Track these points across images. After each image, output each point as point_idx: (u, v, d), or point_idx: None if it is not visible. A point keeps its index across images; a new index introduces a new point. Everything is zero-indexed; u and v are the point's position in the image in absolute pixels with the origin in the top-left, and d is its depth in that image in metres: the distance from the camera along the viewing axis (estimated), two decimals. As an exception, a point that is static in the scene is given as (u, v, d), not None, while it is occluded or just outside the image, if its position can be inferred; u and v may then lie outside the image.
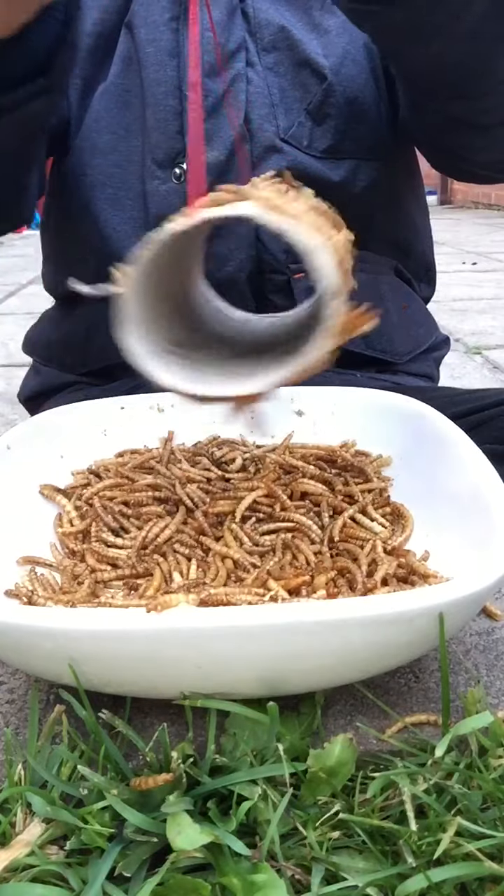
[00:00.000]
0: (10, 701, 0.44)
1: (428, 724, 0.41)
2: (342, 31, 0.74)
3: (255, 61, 0.73)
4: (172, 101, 0.72)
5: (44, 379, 0.89)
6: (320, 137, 0.74)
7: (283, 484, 0.57)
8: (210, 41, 0.70)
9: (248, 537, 0.52)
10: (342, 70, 0.73)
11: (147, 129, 0.74)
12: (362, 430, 0.65)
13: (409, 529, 0.53)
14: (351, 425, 0.65)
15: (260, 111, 0.73)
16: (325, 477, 0.58)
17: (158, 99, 0.73)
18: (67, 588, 0.49)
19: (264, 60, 0.73)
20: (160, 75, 0.72)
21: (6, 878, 0.33)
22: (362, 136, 0.75)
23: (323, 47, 0.73)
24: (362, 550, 0.50)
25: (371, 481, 0.58)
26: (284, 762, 0.37)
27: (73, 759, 0.38)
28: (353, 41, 0.74)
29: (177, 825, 0.34)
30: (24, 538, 0.53)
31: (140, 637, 0.36)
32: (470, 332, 2.32)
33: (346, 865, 0.34)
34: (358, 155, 0.75)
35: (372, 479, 0.58)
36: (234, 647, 0.36)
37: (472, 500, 0.49)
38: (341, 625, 0.36)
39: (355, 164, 0.75)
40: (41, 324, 0.91)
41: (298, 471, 0.58)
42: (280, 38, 0.73)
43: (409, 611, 0.36)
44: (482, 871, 0.33)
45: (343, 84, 0.73)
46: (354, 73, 0.74)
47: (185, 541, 0.52)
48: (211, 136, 0.72)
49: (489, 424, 0.73)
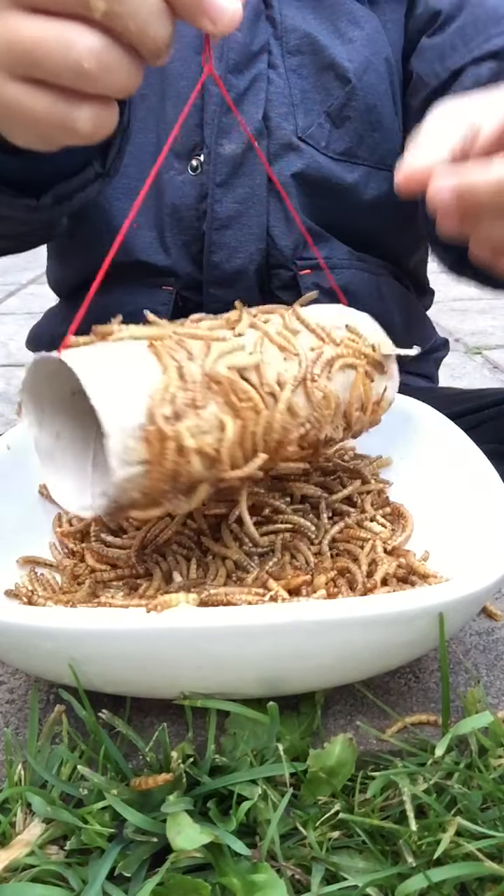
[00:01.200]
0: (10, 701, 0.44)
1: (428, 724, 0.41)
2: (367, 42, 0.75)
3: (278, 63, 0.74)
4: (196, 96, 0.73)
5: None
6: (338, 140, 0.75)
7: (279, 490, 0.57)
8: (235, 40, 0.71)
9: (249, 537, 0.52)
10: (364, 77, 0.75)
11: (165, 122, 0.75)
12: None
13: (409, 529, 0.53)
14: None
15: (279, 110, 0.74)
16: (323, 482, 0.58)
17: (180, 91, 0.74)
18: (68, 588, 0.49)
19: (288, 63, 0.74)
20: (184, 70, 0.73)
21: (6, 878, 0.33)
22: (377, 144, 0.76)
23: (348, 53, 0.75)
24: (362, 550, 0.50)
25: (368, 483, 0.58)
26: (284, 762, 0.37)
27: (73, 759, 0.38)
28: (376, 54, 0.75)
29: (177, 825, 0.34)
30: (24, 538, 0.53)
31: (140, 637, 0.36)
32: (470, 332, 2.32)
33: (346, 865, 0.34)
34: (371, 162, 0.76)
35: (369, 480, 0.58)
36: (234, 647, 0.36)
37: (472, 500, 0.49)
38: (341, 625, 0.36)
39: (367, 172, 0.76)
40: (46, 319, 0.92)
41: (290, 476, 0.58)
42: (305, 43, 0.74)
43: (409, 611, 0.36)
44: (482, 871, 0.33)
45: (364, 90, 0.75)
46: (375, 83, 0.75)
47: (184, 542, 0.52)
48: (229, 130, 0.73)
49: (489, 424, 0.73)
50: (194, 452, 0.41)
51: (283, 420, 0.45)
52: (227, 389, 0.42)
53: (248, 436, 0.43)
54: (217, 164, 0.73)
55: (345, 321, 0.52)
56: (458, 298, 2.78)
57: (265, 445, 0.45)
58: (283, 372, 0.45)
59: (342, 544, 0.52)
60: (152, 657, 0.37)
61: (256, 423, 0.44)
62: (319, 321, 0.50)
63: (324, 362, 0.48)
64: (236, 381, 0.42)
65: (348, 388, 0.50)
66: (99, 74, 0.35)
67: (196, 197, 0.74)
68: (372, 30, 0.75)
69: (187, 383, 0.41)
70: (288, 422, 0.46)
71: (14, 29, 0.35)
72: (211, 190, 0.73)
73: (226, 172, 0.73)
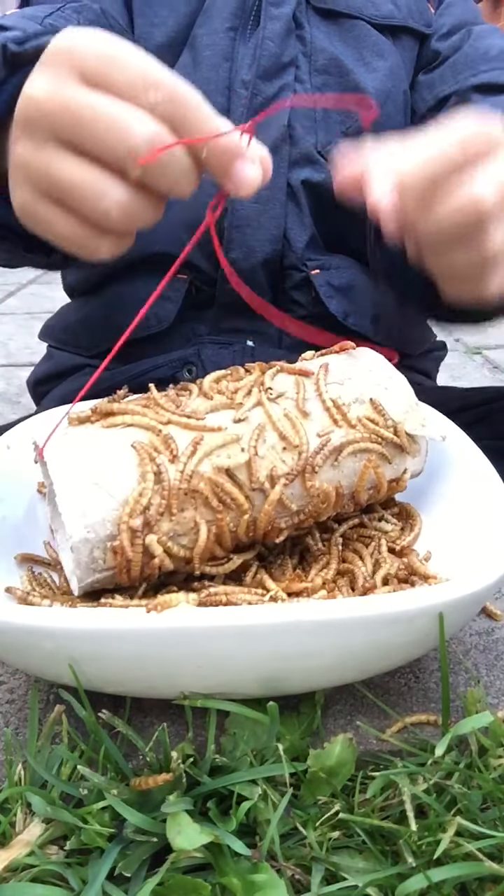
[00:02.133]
0: (10, 701, 0.44)
1: (428, 724, 0.41)
2: (389, 74, 0.77)
3: (304, 79, 0.76)
4: (220, 99, 0.74)
5: (56, 362, 0.90)
6: None
7: None
8: (267, 49, 0.73)
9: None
10: (384, 107, 0.77)
11: None
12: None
13: (418, 528, 0.53)
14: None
15: (303, 122, 0.75)
16: None
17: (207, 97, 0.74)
18: (66, 587, 0.49)
19: (314, 80, 0.76)
20: (212, 75, 0.74)
21: (6, 878, 0.33)
22: None
23: (371, 81, 0.77)
24: (367, 549, 0.50)
25: None
26: (284, 762, 0.37)
27: (73, 759, 0.38)
28: (396, 86, 0.78)
29: (177, 825, 0.34)
30: (24, 538, 0.53)
31: (140, 637, 0.36)
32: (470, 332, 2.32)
33: (346, 865, 0.34)
34: None
35: None
36: (234, 647, 0.36)
37: (472, 500, 0.49)
38: (341, 625, 0.36)
39: None
40: (61, 311, 0.92)
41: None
42: (332, 65, 0.76)
43: (409, 611, 0.36)
44: (482, 871, 0.33)
45: (383, 120, 0.76)
46: (393, 113, 0.78)
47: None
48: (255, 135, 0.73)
49: (487, 420, 0.73)
50: (165, 556, 0.42)
51: (269, 517, 0.45)
52: (208, 494, 0.43)
53: (225, 535, 0.44)
54: None
55: (373, 389, 0.49)
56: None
57: (251, 537, 0.46)
58: (278, 466, 0.45)
59: (350, 543, 0.51)
60: (152, 657, 0.37)
61: (239, 521, 0.44)
62: (341, 394, 0.48)
63: (329, 450, 0.46)
64: (220, 484, 0.43)
65: (357, 475, 0.48)
66: (124, 222, 0.38)
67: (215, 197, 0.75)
68: (394, 63, 0.78)
69: (164, 489, 0.42)
70: (278, 513, 0.45)
71: (56, 166, 0.38)
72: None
73: None
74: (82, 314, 0.86)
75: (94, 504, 0.41)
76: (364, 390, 0.49)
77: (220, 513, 0.43)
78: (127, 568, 0.41)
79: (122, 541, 0.41)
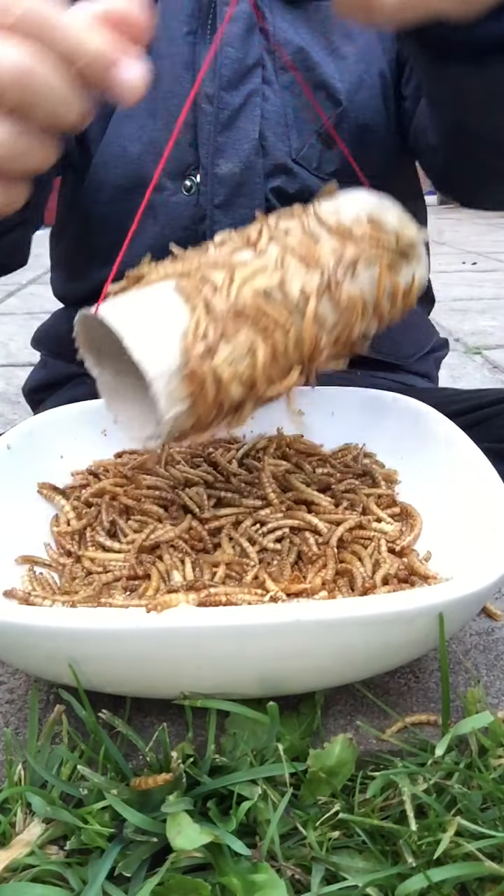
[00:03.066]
0: (10, 701, 0.44)
1: (428, 724, 0.41)
2: (359, 58, 0.74)
3: (271, 79, 0.73)
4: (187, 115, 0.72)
5: (50, 371, 0.89)
6: (329, 161, 0.75)
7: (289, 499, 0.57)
8: (228, 55, 0.70)
9: (251, 540, 0.52)
10: (356, 97, 0.74)
11: (157, 141, 0.73)
12: (362, 430, 0.65)
13: (418, 528, 0.53)
14: (351, 425, 0.65)
15: (275, 129, 0.73)
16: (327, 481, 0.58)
17: (172, 111, 0.72)
18: (67, 588, 0.49)
19: (281, 79, 0.73)
20: (175, 87, 0.72)
21: (6, 878, 0.33)
22: (369, 161, 0.76)
23: (339, 72, 0.74)
24: (366, 550, 0.50)
25: (378, 486, 0.58)
26: (284, 762, 0.37)
27: (73, 759, 0.38)
28: (369, 69, 0.74)
29: (177, 825, 0.34)
30: (24, 538, 0.53)
31: (140, 637, 0.36)
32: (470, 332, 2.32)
33: (346, 865, 0.34)
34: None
35: (380, 483, 0.58)
36: (234, 647, 0.36)
37: (472, 500, 0.49)
38: (341, 625, 0.36)
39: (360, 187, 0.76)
40: (52, 319, 0.92)
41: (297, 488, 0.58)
42: (298, 59, 0.73)
43: (409, 611, 0.36)
44: (482, 871, 0.33)
45: (356, 111, 0.74)
46: (367, 100, 0.74)
47: (180, 546, 0.52)
48: (225, 149, 0.72)
49: (488, 423, 0.73)
50: (232, 380, 0.44)
51: (312, 331, 0.47)
52: (254, 315, 0.44)
53: (280, 354, 0.46)
54: (214, 185, 0.72)
55: (368, 210, 0.52)
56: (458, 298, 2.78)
57: (299, 356, 0.47)
58: (307, 283, 0.47)
59: (349, 545, 0.52)
60: (152, 657, 0.37)
61: (286, 340, 0.46)
62: (340, 219, 0.50)
63: (346, 264, 0.48)
64: (262, 306, 0.44)
65: (375, 284, 0.50)
66: (9, 163, 0.36)
67: (191, 218, 0.74)
68: (365, 43, 0.74)
69: (216, 317, 0.43)
70: (318, 331, 0.47)
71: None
72: (209, 211, 0.73)
73: (224, 193, 0.72)
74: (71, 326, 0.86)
75: (158, 340, 0.43)
76: (358, 211, 0.51)
77: (269, 330, 0.45)
78: (202, 393, 0.43)
79: (192, 367, 0.42)
